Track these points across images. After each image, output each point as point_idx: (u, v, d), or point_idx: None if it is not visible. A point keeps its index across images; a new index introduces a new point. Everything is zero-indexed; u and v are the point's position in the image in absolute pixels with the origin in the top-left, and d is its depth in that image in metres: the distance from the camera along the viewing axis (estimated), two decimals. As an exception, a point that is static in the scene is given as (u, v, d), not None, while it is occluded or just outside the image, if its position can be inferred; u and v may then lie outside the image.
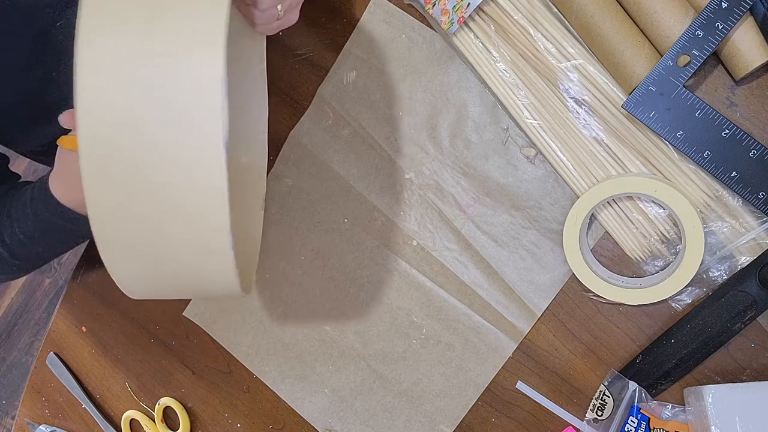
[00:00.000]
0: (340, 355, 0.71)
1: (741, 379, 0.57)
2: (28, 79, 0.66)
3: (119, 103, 0.40)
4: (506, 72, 0.61)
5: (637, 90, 0.53)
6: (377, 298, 0.70)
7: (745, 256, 0.56)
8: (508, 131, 0.64)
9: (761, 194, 0.53)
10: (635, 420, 0.58)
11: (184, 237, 0.42)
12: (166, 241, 0.43)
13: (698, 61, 0.52)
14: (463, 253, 0.66)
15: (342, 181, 0.71)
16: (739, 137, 0.52)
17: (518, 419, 0.65)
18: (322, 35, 0.71)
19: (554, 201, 0.63)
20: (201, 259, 0.44)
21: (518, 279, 0.64)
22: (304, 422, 0.73)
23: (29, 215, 0.60)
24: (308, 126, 0.72)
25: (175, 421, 0.78)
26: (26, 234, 0.62)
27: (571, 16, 0.57)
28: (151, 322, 0.80)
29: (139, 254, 0.44)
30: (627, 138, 0.58)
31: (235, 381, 0.76)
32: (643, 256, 0.60)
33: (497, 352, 0.65)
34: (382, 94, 0.69)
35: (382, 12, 0.68)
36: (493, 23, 0.61)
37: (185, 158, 0.40)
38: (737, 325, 0.55)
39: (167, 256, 0.44)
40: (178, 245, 0.43)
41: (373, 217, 0.70)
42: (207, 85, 0.39)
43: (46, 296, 1.78)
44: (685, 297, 0.59)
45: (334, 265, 0.71)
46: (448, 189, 0.66)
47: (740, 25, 0.52)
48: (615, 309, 0.61)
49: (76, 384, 0.83)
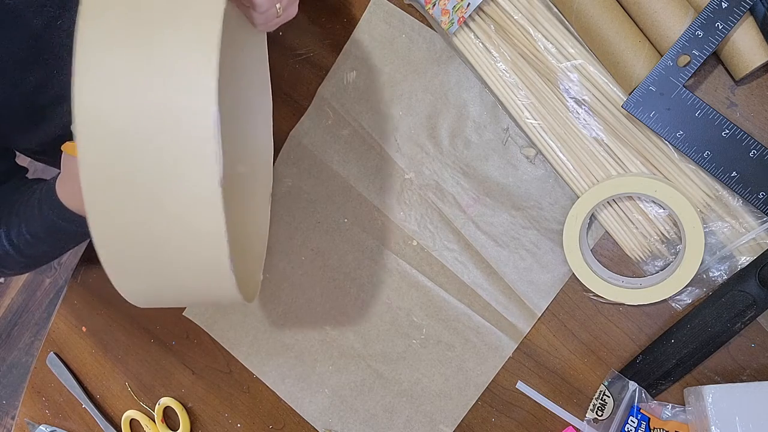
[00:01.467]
0: (340, 355, 0.71)
1: (741, 379, 0.57)
2: (26, 79, 0.66)
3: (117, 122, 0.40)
4: (506, 72, 0.61)
5: (637, 90, 0.53)
6: (377, 298, 0.70)
7: (745, 256, 0.56)
8: (508, 131, 0.64)
9: (761, 194, 0.53)
10: (635, 420, 0.58)
11: (183, 250, 0.43)
12: (165, 254, 0.43)
13: (698, 61, 0.52)
14: (463, 253, 0.66)
15: (342, 181, 0.71)
16: (739, 137, 0.52)
17: (518, 419, 0.65)
18: (322, 35, 0.71)
19: (554, 201, 0.63)
20: (201, 274, 0.44)
21: (518, 279, 0.64)
22: (304, 422, 0.73)
23: (36, 216, 0.61)
24: (308, 126, 0.72)
25: (175, 421, 0.78)
26: (33, 234, 0.63)
27: (571, 16, 0.57)
28: (151, 322, 0.80)
29: (142, 268, 0.44)
30: (627, 138, 0.58)
31: (235, 381, 0.76)
32: (643, 256, 0.60)
33: (497, 352, 0.65)
34: (382, 94, 0.68)
35: (382, 12, 0.68)
36: (493, 23, 0.61)
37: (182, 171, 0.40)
38: (737, 325, 0.55)
39: (168, 269, 0.44)
40: (178, 259, 0.44)
41: (373, 217, 0.70)
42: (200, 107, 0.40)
43: (46, 296, 1.78)
44: (685, 297, 0.59)
45: (334, 265, 0.71)
46: (448, 189, 0.66)
47: (740, 25, 0.52)
48: (615, 309, 0.61)
49: (76, 384, 0.83)
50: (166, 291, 0.47)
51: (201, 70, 0.40)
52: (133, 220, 0.42)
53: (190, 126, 0.40)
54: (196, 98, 0.40)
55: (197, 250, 0.43)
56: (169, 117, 0.40)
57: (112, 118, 0.40)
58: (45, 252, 0.68)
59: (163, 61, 0.40)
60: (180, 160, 0.40)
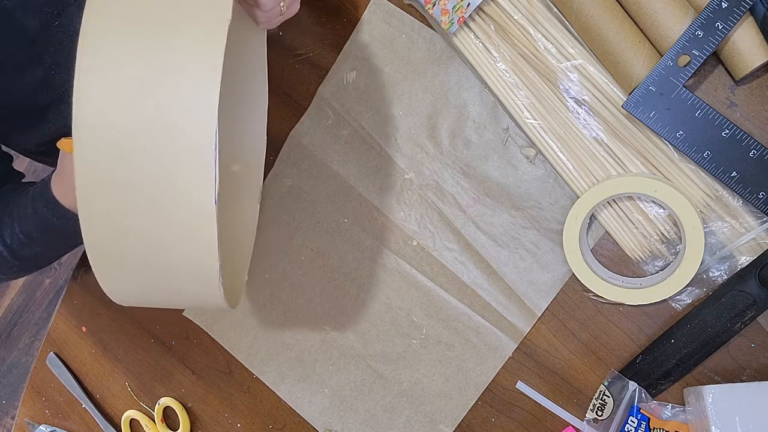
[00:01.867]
0: (340, 355, 0.71)
1: (741, 379, 0.57)
2: (25, 79, 0.66)
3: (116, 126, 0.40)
4: (506, 72, 0.61)
5: (637, 90, 0.53)
6: (377, 298, 0.70)
7: (745, 256, 0.56)
8: (508, 131, 0.64)
9: (761, 194, 0.53)
10: (635, 420, 0.58)
11: (173, 256, 0.44)
12: (155, 259, 0.44)
13: (698, 61, 0.52)
14: (463, 253, 0.66)
15: (342, 181, 0.70)
16: (739, 137, 0.52)
17: (518, 419, 0.65)
18: (322, 35, 0.71)
19: (554, 201, 0.63)
20: (189, 281, 0.45)
21: (518, 279, 0.64)
22: (304, 422, 0.73)
23: (29, 214, 0.61)
24: (308, 126, 0.72)
25: (175, 421, 0.78)
26: (26, 234, 0.62)
27: (571, 16, 0.57)
28: (151, 322, 0.79)
29: (129, 270, 0.45)
30: (627, 138, 0.58)
31: (235, 381, 0.76)
32: (643, 256, 0.60)
33: (497, 352, 0.65)
34: (382, 94, 0.68)
35: (382, 12, 0.68)
36: (493, 23, 0.61)
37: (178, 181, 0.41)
38: (737, 325, 0.55)
39: (156, 274, 0.45)
40: (167, 265, 0.44)
41: (373, 217, 0.70)
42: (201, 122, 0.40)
43: (46, 296, 1.78)
44: (685, 297, 0.59)
45: (334, 265, 0.71)
46: (448, 189, 0.66)
47: (740, 25, 0.52)
48: (615, 309, 0.61)
49: (76, 384, 0.83)
50: (151, 294, 0.47)
51: (204, 84, 0.40)
52: (125, 223, 0.42)
53: (189, 138, 0.40)
54: (197, 111, 0.40)
55: (187, 258, 0.43)
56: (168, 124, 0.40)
57: (111, 121, 0.40)
58: (39, 253, 0.66)
59: (165, 71, 0.40)
60: (177, 170, 0.40)
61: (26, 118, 0.69)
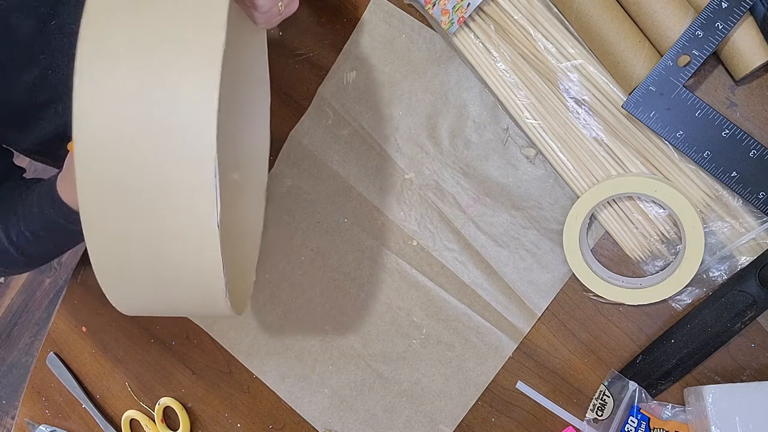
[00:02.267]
0: (340, 355, 0.71)
1: (741, 379, 0.57)
2: (21, 78, 0.66)
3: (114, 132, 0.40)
4: (506, 72, 0.61)
5: (637, 90, 0.53)
6: (377, 298, 0.70)
7: (745, 256, 0.56)
8: (508, 131, 0.64)
9: (761, 194, 0.53)
10: (635, 420, 0.58)
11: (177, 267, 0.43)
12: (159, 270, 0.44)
13: (698, 61, 0.52)
14: (463, 253, 0.66)
15: (342, 181, 0.70)
16: (739, 137, 0.52)
17: (518, 419, 0.65)
18: (322, 35, 0.71)
19: (554, 201, 0.63)
20: (194, 292, 0.45)
21: (518, 279, 0.64)
22: (304, 422, 0.73)
23: (35, 213, 0.61)
24: (308, 126, 0.72)
25: (175, 421, 0.78)
26: (32, 232, 0.63)
27: (571, 16, 0.57)
28: (151, 322, 0.79)
29: (134, 279, 0.44)
30: (627, 138, 0.58)
31: (235, 381, 0.76)
32: (643, 256, 0.60)
33: (497, 352, 0.65)
34: (382, 94, 0.68)
35: (382, 12, 0.68)
36: (493, 23, 0.61)
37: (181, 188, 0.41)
38: (737, 325, 0.55)
39: (160, 285, 0.45)
40: (172, 275, 0.44)
41: (373, 217, 0.70)
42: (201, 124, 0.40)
43: (46, 296, 1.78)
44: (685, 297, 0.59)
45: (334, 265, 0.71)
46: (448, 189, 0.66)
47: (740, 25, 0.52)
48: (615, 309, 0.61)
49: (76, 384, 0.83)
50: (155, 304, 0.47)
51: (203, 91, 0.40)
52: (128, 231, 0.42)
53: (190, 147, 0.40)
54: (198, 119, 0.39)
55: (192, 269, 0.43)
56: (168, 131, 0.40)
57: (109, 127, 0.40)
58: (45, 250, 0.67)
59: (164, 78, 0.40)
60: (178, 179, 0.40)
61: (23, 118, 0.69)
